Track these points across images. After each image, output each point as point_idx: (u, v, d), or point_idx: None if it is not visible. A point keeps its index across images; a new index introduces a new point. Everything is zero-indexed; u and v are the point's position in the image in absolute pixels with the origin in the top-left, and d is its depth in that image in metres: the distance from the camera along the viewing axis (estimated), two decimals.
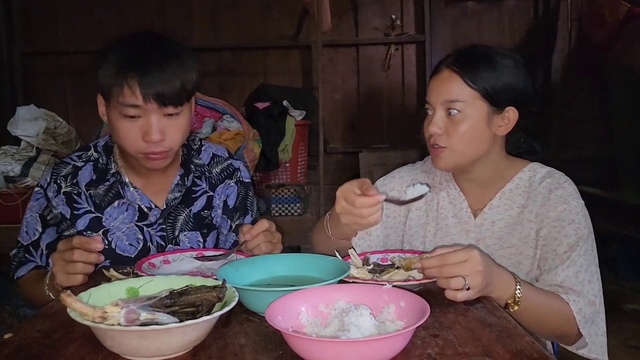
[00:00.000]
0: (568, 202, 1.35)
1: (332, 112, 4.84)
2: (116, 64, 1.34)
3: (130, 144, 1.38)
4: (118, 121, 1.37)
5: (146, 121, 1.35)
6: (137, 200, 1.52)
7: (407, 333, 0.85)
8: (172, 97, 1.35)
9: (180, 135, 1.42)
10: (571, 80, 4.83)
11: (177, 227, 1.55)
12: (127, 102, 1.33)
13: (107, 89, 1.35)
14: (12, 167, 3.04)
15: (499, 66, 1.36)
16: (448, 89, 1.36)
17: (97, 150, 1.56)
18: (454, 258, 1.09)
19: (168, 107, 1.35)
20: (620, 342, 3.05)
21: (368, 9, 4.79)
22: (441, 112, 1.37)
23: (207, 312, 0.92)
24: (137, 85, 1.32)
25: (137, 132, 1.36)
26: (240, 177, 1.65)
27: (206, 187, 1.60)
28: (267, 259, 1.25)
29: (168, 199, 1.54)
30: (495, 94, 1.35)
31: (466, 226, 1.45)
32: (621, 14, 3.96)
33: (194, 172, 1.58)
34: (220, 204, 1.61)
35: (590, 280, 1.29)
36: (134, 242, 1.51)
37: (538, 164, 1.47)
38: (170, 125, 1.38)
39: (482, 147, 1.38)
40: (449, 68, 1.37)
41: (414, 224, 1.52)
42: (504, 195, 1.43)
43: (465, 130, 1.35)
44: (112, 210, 1.51)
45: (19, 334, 0.99)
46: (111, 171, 1.52)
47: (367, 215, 1.20)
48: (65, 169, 1.54)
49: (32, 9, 4.67)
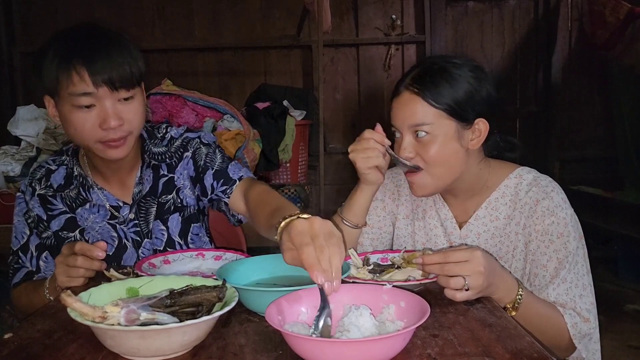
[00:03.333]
0: (555, 214, 1.30)
1: (333, 112, 4.83)
2: (60, 55, 1.30)
3: (86, 134, 1.34)
4: (71, 114, 1.33)
5: (101, 108, 1.32)
6: (104, 201, 1.52)
7: (407, 333, 0.84)
8: (123, 80, 1.32)
9: (138, 120, 1.38)
10: (572, 80, 4.82)
11: (150, 219, 1.54)
12: (77, 91, 1.29)
13: (55, 82, 1.31)
14: (12, 167, 3.04)
15: (457, 79, 1.30)
16: (412, 113, 1.31)
17: (68, 154, 1.56)
18: (456, 257, 1.08)
19: (120, 91, 1.32)
20: (621, 343, 3.05)
21: (368, 9, 4.79)
22: (409, 137, 1.32)
23: (207, 312, 0.92)
24: (85, 71, 1.28)
25: (94, 121, 1.32)
26: (195, 143, 1.56)
27: (165, 170, 1.55)
28: (267, 259, 1.25)
29: (134, 193, 1.52)
30: (460, 109, 1.30)
31: (451, 237, 1.43)
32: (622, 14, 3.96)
33: (147, 161, 1.53)
34: (186, 182, 1.56)
35: (581, 294, 1.27)
36: (109, 240, 1.51)
37: (525, 168, 1.41)
38: (126, 110, 1.35)
39: (457, 165, 1.33)
40: (409, 90, 1.32)
41: (401, 233, 1.51)
42: (489, 205, 1.39)
43: (436, 151, 1.30)
44: (83, 212, 1.52)
45: (19, 334, 0.99)
46: (74, 174, 1.52)
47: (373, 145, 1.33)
48: (39, 172, 1.55)
49: (32, 9, 4.67)
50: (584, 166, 4.84)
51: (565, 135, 4.87)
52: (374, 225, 1.52)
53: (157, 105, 3.32)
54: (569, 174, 4.57)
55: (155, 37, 4.71)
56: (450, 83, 1.29)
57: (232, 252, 1.42)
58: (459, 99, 1.29)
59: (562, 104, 4.82)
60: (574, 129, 4.88)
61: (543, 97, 4.87)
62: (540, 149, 4.79)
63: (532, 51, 4.88)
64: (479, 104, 1.31)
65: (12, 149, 3.19)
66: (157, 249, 1.54)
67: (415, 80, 1.32)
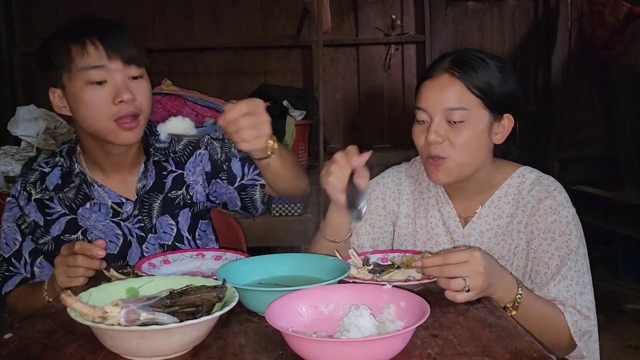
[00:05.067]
0: (558, 212, 1.31)
1: (333, 112, 4.83)
2: (72, 31, 1.36)
3: (100, 112, 1.36)
4: (83, 92, 1.35)
5: (113, 83, 1.35)
6: (106, 198, 1.50)
7: (407, 333, 0.84)
8: (134, 55, 1.37)
9: (147, 100, 1.42)
10: (571, 80, 4.83)
11: (154, 215, 1.53)
12: (91, 64, 1.33)
13: (67, 56, 1.34)
14: (12, 167, 3.04)
15: (495, 70, 1.30)
16: (449, 96, 1.28)
17: (62, 155, 1.55)
18: (455, 258, 1.08)
19: (132, 67, 1.37)
20: (621, 342, 3.05)
21: (368, 9, 4.79)
22: (441, 120, 1.29)
23: (207, 312, 0.92)
24: (99, 43, 1.33)
25: (107, 97, 1.35)
26: (207, 140, 1.60)
27: (173, 166, 1.56)
28: (267, 259, 1.25)
29: (137, 189, 1.52)
30: (496, 100, 1.30)
31: (454, 235, 1.42)
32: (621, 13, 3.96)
33: (153, 155, 1.54)
34: (198, 179, 1.57)
35: (582, 292, 1.27)
36: (113, 239, 1.50)
37: (527, 168, 1.42)
38: (137, 87, 1.39)
39: (482, 157, 1.34)
40: (449, 73, 1.29)
41: (402, 232, 1.49)
42: (492, 204, 1.39)
43: (468, 139, 1.29)
44: (84, 211, 1.50)
45: (19, 334, 0.99)
46: (75, 171, 1.51)
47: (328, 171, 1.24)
48: (33, 175, 1.53)
49: (32, 9, 4.67)
50: (584, 166, 4.84)
51: (565, 135, 4.87)
52: (375, 225, 1.51)
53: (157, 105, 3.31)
54: (569, 174, 4.56)
55: (155, 37, 4.71)
56: (489, 73, 1.29)
57: (232, 252, 1.42)
58: (496, 90, 1.29)
59: (562, 104, 4.82)
60: (574, 129, 4.88)
61: (543, 97, 4.87)
62: (540, 149, 4.80)
63: (532, 51, 4.89)
64: (509, 99, 1.32)
65: (12, 149, 3.19)
66: (164, 243, 1.53)
67: (455, 64, 1.30)
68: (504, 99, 1.31)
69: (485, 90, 1.28)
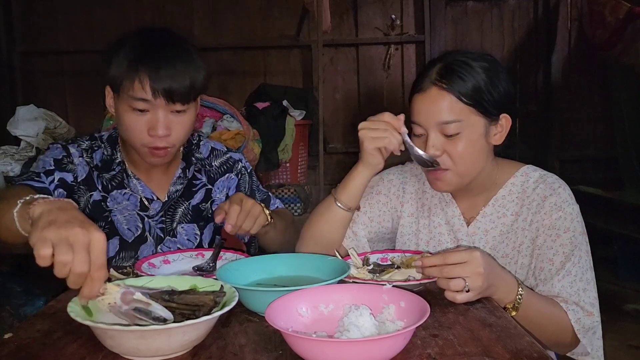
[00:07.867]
0: (563, 209, 1.31)
1: (333, 112, 4.83)
2: (129, 58, 1.36)
3: (135, 136, 1.40)
4: (126, 113, 1.39)
5: (153, 116, 1.38)
6: (140, 191, 1.55)
7: (407, 333, 0.84)
8: (181, 94, 1.37)
9: (184, 133, 1.44)
10: (571, 80, 4.83)
11: (176, 219, 1.58)
12: (136, 96, 1.36)
13: (118, 81, 1.37)
14: (12, 167, 3.04)
15: (483, 73, 1.28)
16: (440, 110, 1.27)
17: (102, 141, 1.57)
18: (455, 258, 1.08)
19: (176, 104, 1.38)
20: (621, 342, 3.05)
21: (368, 8, 4.79)
22: (436, 134, 1.28)
23: (207, 312, 0.92)
24: (147, 80, 1.34)
25: (144, 125, 1.39)
26: (240, 168, 1.68)
27: (205, 180, 1.63)
28: (267, 259, 1.25)
29: (170, 192, 1.57)
30: (489, 105, 1.28)
31: (458, 234, 1.42)
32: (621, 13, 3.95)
33: (195, 164, 1.61)
34: (222, 197, 1.64)
35: (585, 288, 1.27)
36: (133, 228, 1.54)
37: (530, 166, 1.42)
38: (176, 121, 1.41)
39: (482, 162, 1.34)
40: (437, 85, 1.27)
41: (405, 231, 1.49)
42: (496, 202, 1.39)
43: (466, 150, 1.28)
44: (117, 195, 1.53)
45: (19, 334, 0.99)
46: (117, 160, 1.54)
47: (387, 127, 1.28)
48: (83, 143, 1.54)
49: (32, 9, 4.66)
50: (584, 166, 4.84)
51: (565, 135, 4.88)
52: (374, 219, 1.50)
53: None
54: (569, 174, 4.56)
55: None
56: (476, 78, 1.27)
57: (232, 252, 1.42)
58: (486, 95, 1.27)
59: (562, 103, 4.82)
60: (574, 129, 4.88)
61: (543, 96, 4.87)
62: (540, 148, 4.79)
63: (532, 51, 4.89)
64: (503, 99, 1.30)
65: (11, 149, 3.19)
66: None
67: (442, 75, 1.28)
68: (496, 101, 1.29)
69: (475, 97, 1.27)
